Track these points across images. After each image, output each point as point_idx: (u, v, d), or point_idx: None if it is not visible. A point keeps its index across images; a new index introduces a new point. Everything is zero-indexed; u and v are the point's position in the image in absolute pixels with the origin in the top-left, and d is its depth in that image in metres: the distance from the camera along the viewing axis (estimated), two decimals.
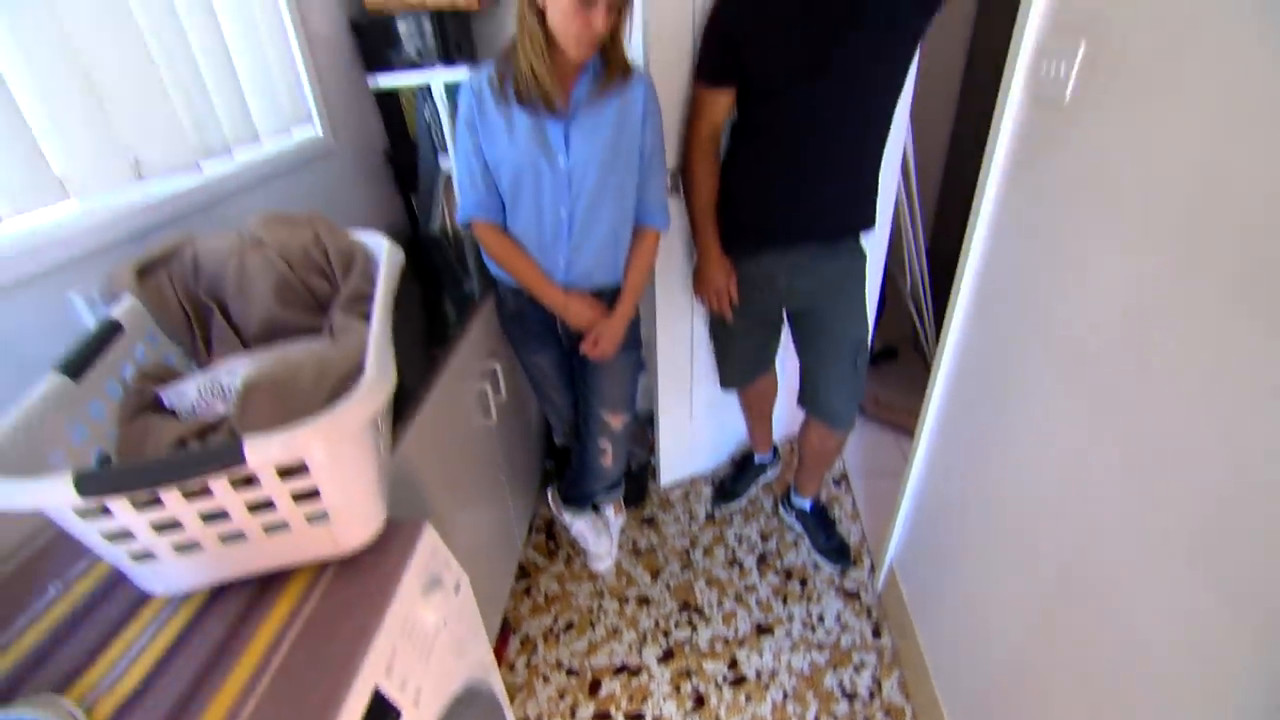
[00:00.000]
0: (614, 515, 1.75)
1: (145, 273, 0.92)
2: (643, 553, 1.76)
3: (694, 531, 1.82)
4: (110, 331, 0.80)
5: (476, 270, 1.43)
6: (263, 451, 0.58)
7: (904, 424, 2.13)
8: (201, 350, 0.96)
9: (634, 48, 1.23)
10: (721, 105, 1.26)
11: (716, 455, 2.06)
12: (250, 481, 0.62)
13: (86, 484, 0.54)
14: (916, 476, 1.43)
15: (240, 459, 0.57)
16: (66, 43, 0.87)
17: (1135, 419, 0.76)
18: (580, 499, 1.63)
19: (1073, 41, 0.86)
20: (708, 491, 1.96)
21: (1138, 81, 0.76)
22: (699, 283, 1.43)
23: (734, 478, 1.93)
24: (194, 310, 0.96)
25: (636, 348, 1.39)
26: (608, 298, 1.31)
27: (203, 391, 0.81)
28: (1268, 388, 0.58)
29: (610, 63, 1.12)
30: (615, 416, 1.41)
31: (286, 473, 0.63)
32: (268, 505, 0.64)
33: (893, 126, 1.29)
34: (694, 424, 1.91)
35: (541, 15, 1.05)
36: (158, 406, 0.81)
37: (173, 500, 0.60)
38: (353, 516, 0.71)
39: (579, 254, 1.22)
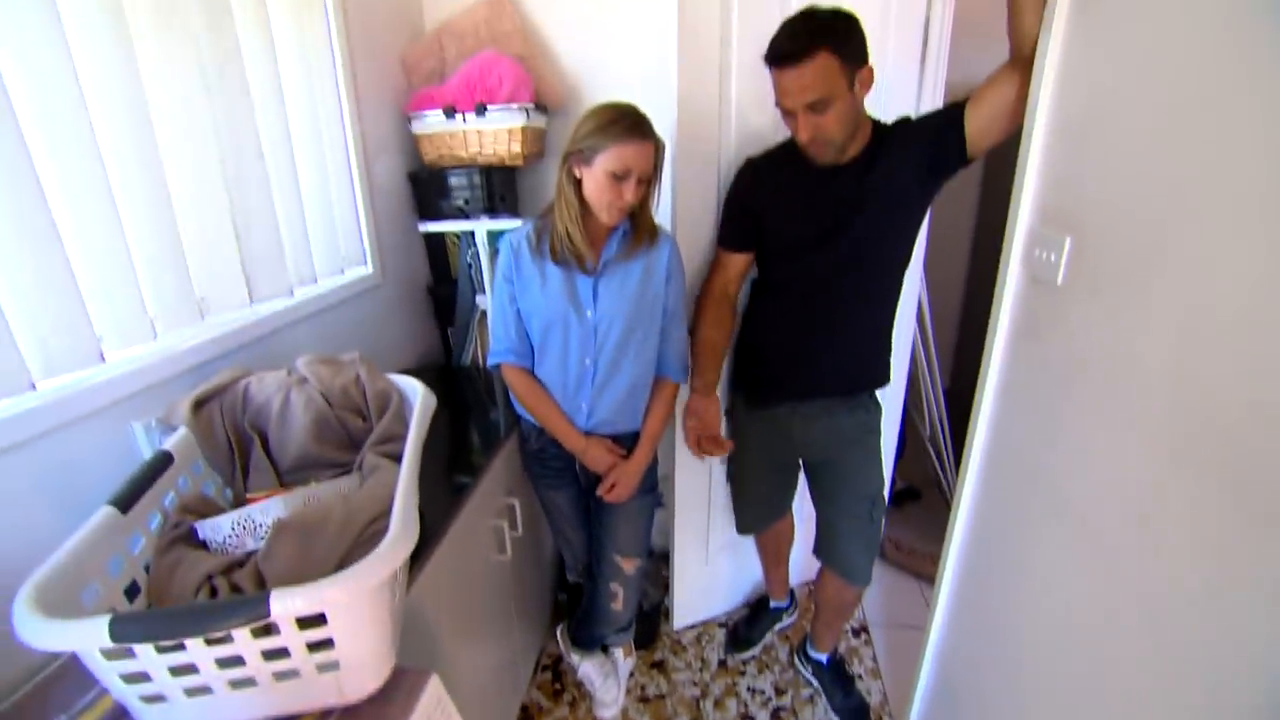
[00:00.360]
0: (624, 658, 1.68)
1: (200, 404, 1.00)
2: (650, 700, 1.68)
3: (705, 680, 1.73)
4: (162, 463, 0.86)
5: (503, 405, 1.50)
6: (287, 604, 0.60)
7: (927, 571, 2.06)
8: (239, 479, 1.01)
9: (663, 213, 1.36)
10: (737, 264, 1.36)
11: (732, 598, 2.00)
12: (269, 629, 0.64)
13: (119, 630, 0.57)
14: (937, 636, 1.38)
15: (266, 612, 0.60)
16: (164, 197, 0.99)
17: (1147, 603, 0.76)
18: (589, 641, 1.58)
19: (1060, 234, 0.94)
20: (721, 636, 1.88)
21: (1118, 277, 0.83)
22: (686, 412, 1.47)
23: (748, 623, 1.86)
24: (237, 441, 1.02)
25: (652, 491, 1.42)
26: (627, 443, 1.35)
27: (236, 527, 0.85)
28: (1259, 592, 0.59)
29: (638, 227, 1.23)
30: (628, 560, 1.41)
31: (304, 622, 0.65)
32: (282, 653, 0.66)
33: (907, 278, 1.37)
34: (710, 566, 1.88)
35: (578, 184, 1.18)
36: (191, 538, 0.85)
37: (194, 645, 0.62)
38: (363, 666, 0.72)
39: (601, 401, 1.29)
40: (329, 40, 1.39)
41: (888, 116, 1.27)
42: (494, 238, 1.68)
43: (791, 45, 1.09)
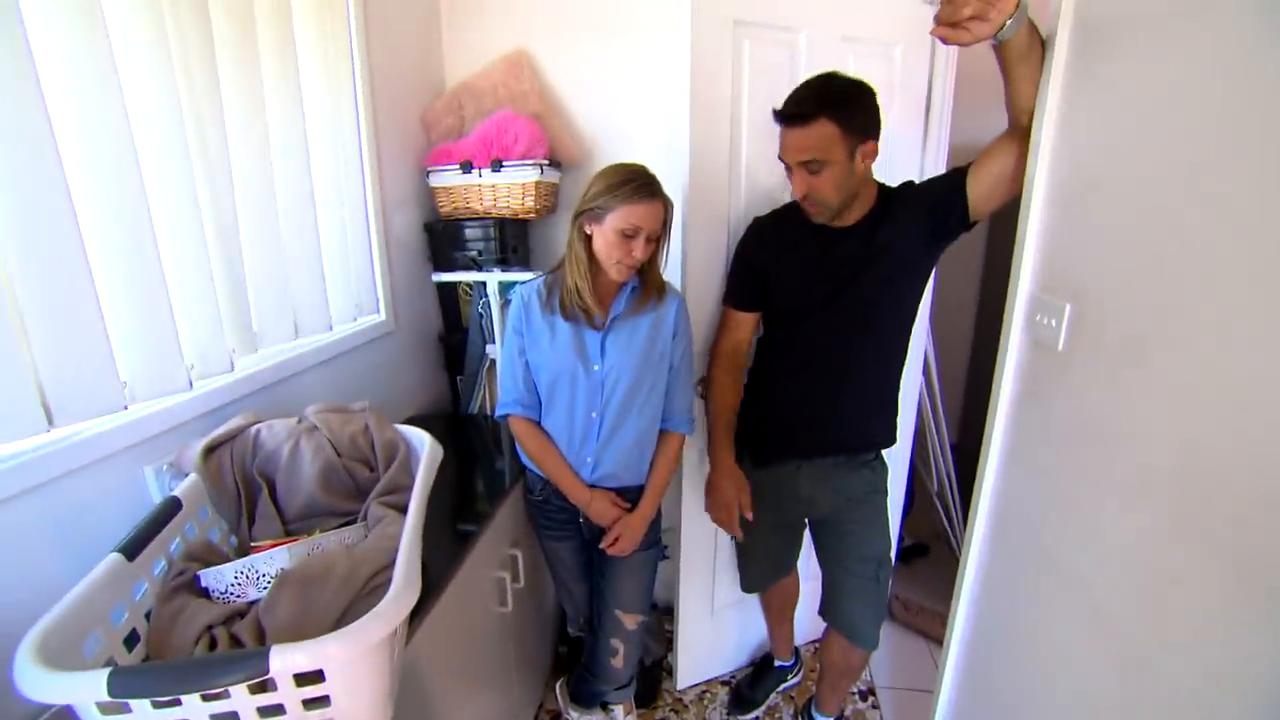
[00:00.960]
0: (623, 716, 1.64)
1: (211, 450, 1.01)
2: None
3: None
4: (171, 509, 0.87)
5: (509, 455, 1.51)
6: (286, 661, 0.61)
7: (935, 631, 2.01)
8: (245, 526, 1.01)
9: (673, 269, 1.39)
10: (746, 324, 1.38)
11: (738, 658, 1.95)
12: (265, 685, 0.64)
13: (118, 685, 0.57)
14: (946, 700, 1.33)
15: (265, 669, 0.60)
16: (201, 248, 1.03)
17: (1159, 686, 0.74)
18: (589, 697, 1.55)
19: (1060, 301, 0.95)
20: (724, 695, 1.83)
21: (1119, 344, 0.84)
22: (709, 496, 1.42)
23: (752, 683, 1.81)
24: (245, 487, 1.03)
25: (656, 545, 1.41)
26: (631, 497, 1.35)
27: (239, 576, 0.85)
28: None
29: (647, 284, 1.26)
30: (630, 616, 1.39)
31: (302, 679, 0.65)
32: (278, 710, 0.65)
33: (914, 335, 1.38)
34: (715, 622, 1.84)
35: (589, 241, 1.22)
36: (193, 586, 0.86)
37: (190, 701, 0.62)
38: None
39: (606, 454, 1.30)
40: (354, 100, 1.46)
41: (893, 178, 1.31)
42: (505, 289, 1.72)
43: (795, 108, 1.14)
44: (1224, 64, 0.67)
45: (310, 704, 0.66)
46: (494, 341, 1.77)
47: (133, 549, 0.79)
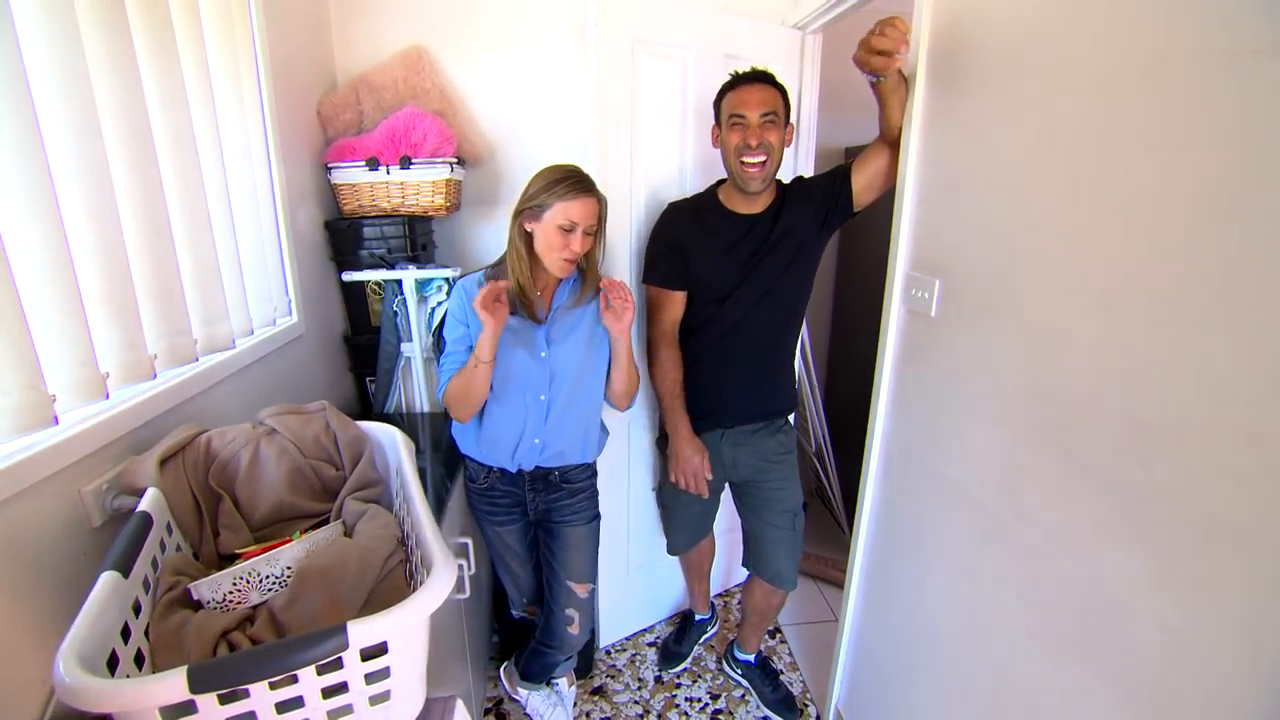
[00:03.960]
0: (567, 687, 1.73)
1: (162, 464, 0.96)
2: None
3: (645, 698, 1.82)
4: (144, 526, 0.83)
5: (445, 449, 1.52)
6: (363, 633, 0.64)
7: (820, 572, 2.32)
8: (209, 538, 0.97)
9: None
10: (678, 302, 1.52)
11: (654, 613, 2.12)
12: (333, 665, 0.67)
13: (198, 678, 0.58)
14: (851, 623, 1.59)
15: (345, 643, 0.63)
16: (119, 247, 0.95)
17: (1016, 551, 1.01)
18: (541, 672, 1.61)
19: (931, 277, 1.21)
20: (652, 655, 1.98)
21: (977, 308, 1.10)
22: (674, 464, 1.53)
23: (677, 638, 1.98)
24: (203, 498, 0.99)
25: (596, 519, 1.50)
26: (576, 478, 1.45)
27: (238, 582, 0.83)
28: (1096, 527, 0.84)
29: (587, 278, 1.35)
30: (581, 585, 1.48)
31: (365, 655, 0.68)
32: (340, 689, 0.68)
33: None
34: (629, 581, 1.99)
35: (529, 238, 1.28)
36: (185, 599, 0.82)
37: (258, 691, 0.63)
38: (410, 694, 0.75)
39: (555, 435, 1.37)
40: (258, 86, 1.39)
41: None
42: (422, 285, 1.71)
43: (758, 72, 1.38)
44: (1034, 91, 0.93)
45: (370, 679, 0.70)
46: (409, 339, 1.75)
47: (125, 566, 0.75)
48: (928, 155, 1.23)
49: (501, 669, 1.72)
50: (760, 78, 1.37)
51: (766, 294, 1.46)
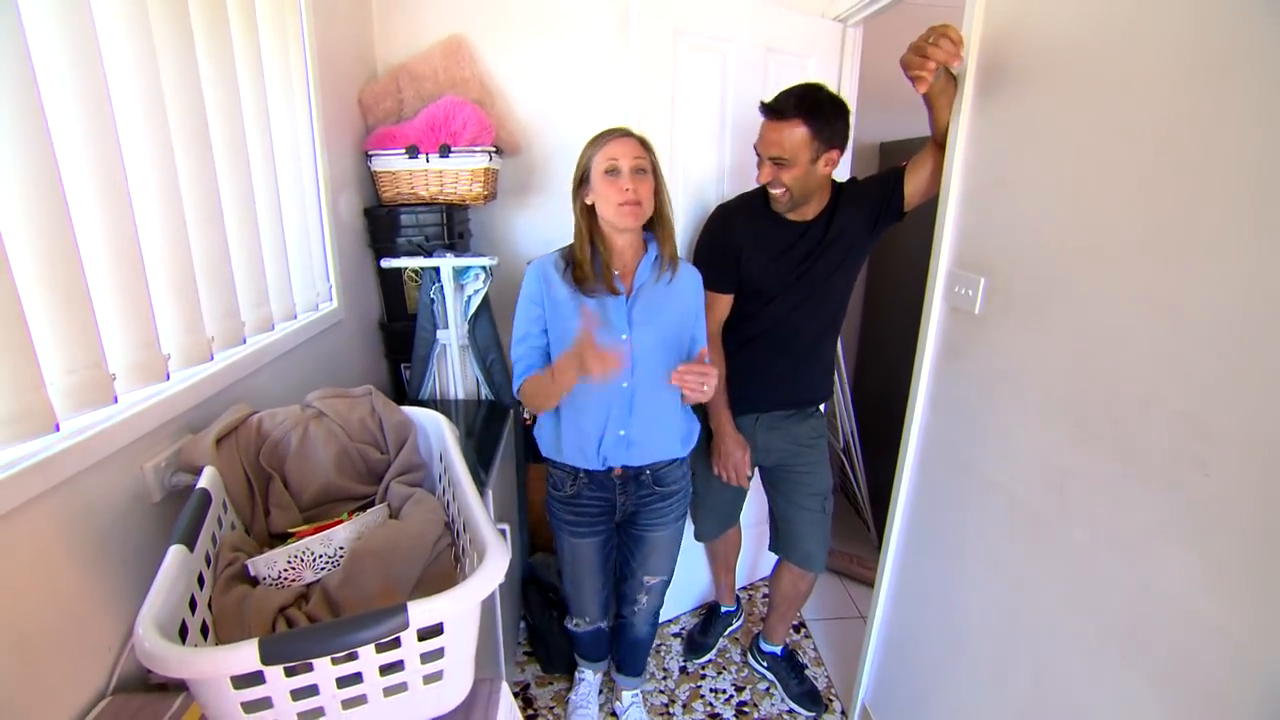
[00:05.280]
0: (591, 676, 1.75)
1: (218, 443, 0.98)
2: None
3: (670, 688, 1.83)
4: (205, 502, 0.85)
5: (469, 437, 1.52)
6: (423, 614, 0.66)
7: (846, 569, 2.32)
8: (260, 516, 1.00)
9: None
10: (725, 304, 1.51)
11: (680, 604, 2.13)
12: (391, 644, 0.68)
13: (269, 651, 0.60)
14: (881, 619, 1.59)
15: (405, 622, 0.65)
16: (181, 232, 0.98)
17: (1063, 551, 1.00)
18: (638, 653, 1.67)
19: (976, 275, 1.20)
20: (677, 646, 2.00)
21: (1024, 304, 1.08)
22: (718, 458, 1.53)
23: (702, 630, 1.99)
24: (255, 477, 1.01)
25: (684, 517, 1.47)
26: (665, 481, 1.37)
27: (293, 560, 0.86)
28: (1149, 529, 0.83)
29: (662, 241, 1.27)
30: (653, 577, 1.48)
31: (422, 635, 0.70)
32: (397, 666, 0.70)
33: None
34: None
35: (589, 212, 1.24)
36: (243, 575, 0.85)
37: (321, 665, 0.65)
38: (462, 675, 0.77)
39: (638, 425, 1.28)
40: (306, 74, 1.41)
41: None
42: (459, 273, 1.73)
43: (778, 105, 1.31)
44: (1090, 91, 0.91)
45: (425, 659, 0.72)
46: (445, 327, 1.77)
47: (191, 540, 0.77)
48: (975, 152, 1.21)
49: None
50: (779, 114, 1.30)
51: (812, 294, 1.46)
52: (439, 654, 0.72)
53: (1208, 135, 0.76)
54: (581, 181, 1.24)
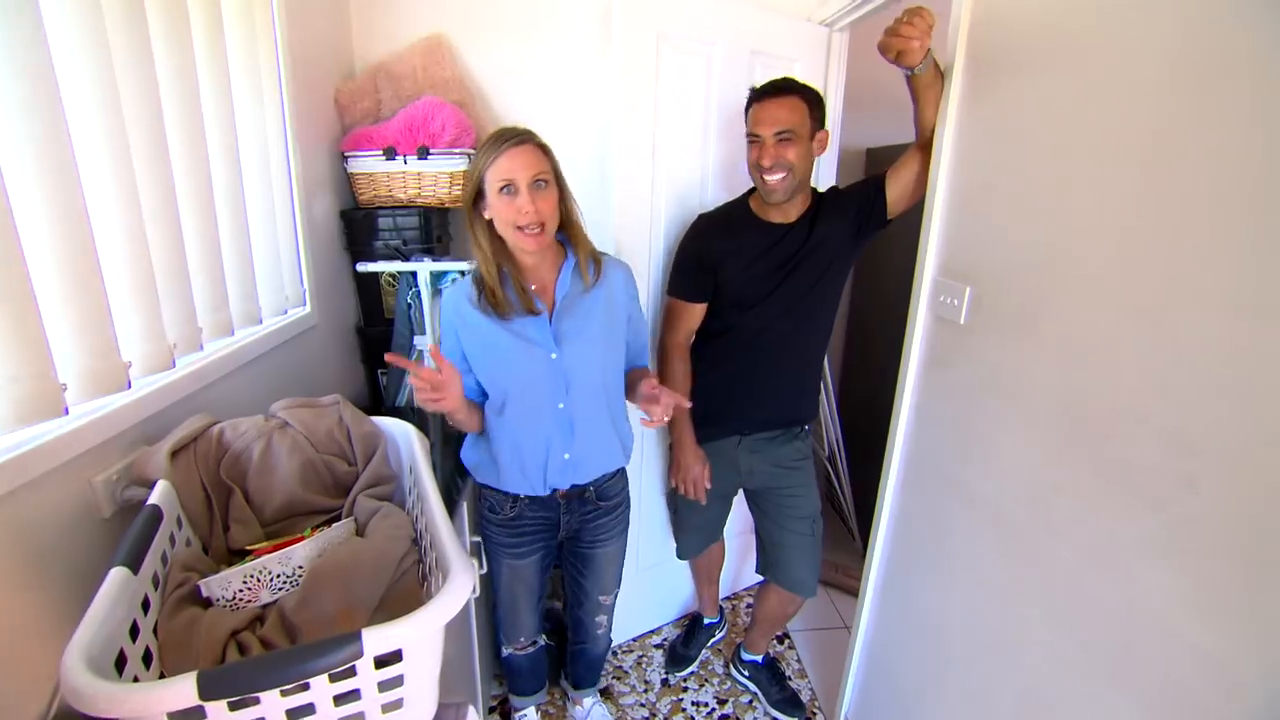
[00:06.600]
0: (573, 691, 1.71)
1: (174, 454, 0.94)
2: None
3: (651, 701, 1.80)
4: (155, 520, 0.81)
5: (446, 445, 1.45)
6: (378, 641, 0.62)
7: (832, 578, 2.29)
8: (219, 532, 0.95)
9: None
10: (696, 314, 1.49)
11: (663, 614, 2.10)
12: (345, 672, 0.65)
13: (208, 686, 0.56)
14: (864, 632, 1.56)
15: (360, 651, 0.61)
16: (139, 232, 0.93)
17: (1044, 566, 0.98)
18: (592, 669, 1.66)
19: (961, 284, 1.17)
20: (659, 658, 1.96)
21: (1010, 318, 1.06)
22: (676, 471, 1.53)
23: (684, 642, 1.96)
24: (215, 491, 0.97)
25: (625, 530, 1.44)
26: (609, 493, 1.34)
27: (249, 580, 0.82)
28: (1135, 547, 0.80)
29: (577, 248, 1.18)
30: (607, 595, 1.47)
31: (379, 662, 0.66)
32: (353, 695, 0.66)
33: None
34: (640, 582, 1.96)
35: (489, 227, 1.13)
36: (195, 596, 0.81)
37: (269, 697, 0.61)
38: (422, 702, 0.73)
39: (585, 447, 1.23)
40: (277, 72, 1.36)
41: None
42: (437, 278, 1.68)
43: (776, 84, 1.33)
44: (1087, 92, 0.89)
45: (383, 686, 0.68)
46: (423, 332, 1.73)
47: (135, 562, 0.73)
48: (961, 157, 1.19)
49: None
50: (779, 90, 1.32)
51: (794, 306, 1.43)
52: (398, 681, 0.68)
53: (1196, 144, 0.74)
54: (477, 196, 1.11)
